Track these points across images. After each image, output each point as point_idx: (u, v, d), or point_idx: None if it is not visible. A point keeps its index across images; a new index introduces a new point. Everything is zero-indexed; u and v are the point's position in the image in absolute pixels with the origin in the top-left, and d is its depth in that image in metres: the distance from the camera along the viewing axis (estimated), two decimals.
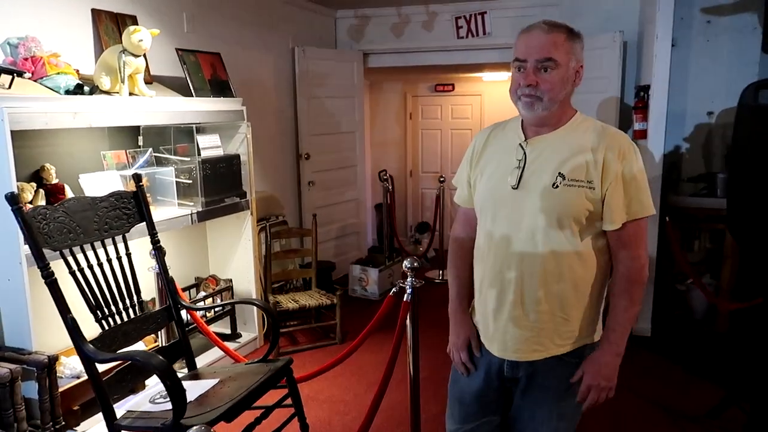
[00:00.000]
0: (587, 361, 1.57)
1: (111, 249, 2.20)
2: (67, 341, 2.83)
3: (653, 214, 1.54)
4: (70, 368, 2.76)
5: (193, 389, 1.99)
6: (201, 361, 3.36)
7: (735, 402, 3.03)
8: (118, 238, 2.24)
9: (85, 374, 2.71)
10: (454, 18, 5.15)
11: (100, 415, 2.76)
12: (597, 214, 1.51)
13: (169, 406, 1.85)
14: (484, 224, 1.63)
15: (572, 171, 1.50)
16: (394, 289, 2.44)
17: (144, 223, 2.37)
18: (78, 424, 2.69)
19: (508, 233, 1.56)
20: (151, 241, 2.41)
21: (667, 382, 3.39)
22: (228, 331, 3.80)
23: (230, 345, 3.41)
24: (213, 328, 3.30)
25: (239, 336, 3.85)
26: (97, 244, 2.14)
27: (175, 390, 1.68)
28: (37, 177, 2.75)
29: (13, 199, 1.83)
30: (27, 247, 2.36)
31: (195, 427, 1.14)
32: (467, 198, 1.73)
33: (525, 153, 1.55)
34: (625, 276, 1.53)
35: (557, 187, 1.50)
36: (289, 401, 2.17)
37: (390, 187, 5.35)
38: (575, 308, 1.56)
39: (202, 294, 3.68)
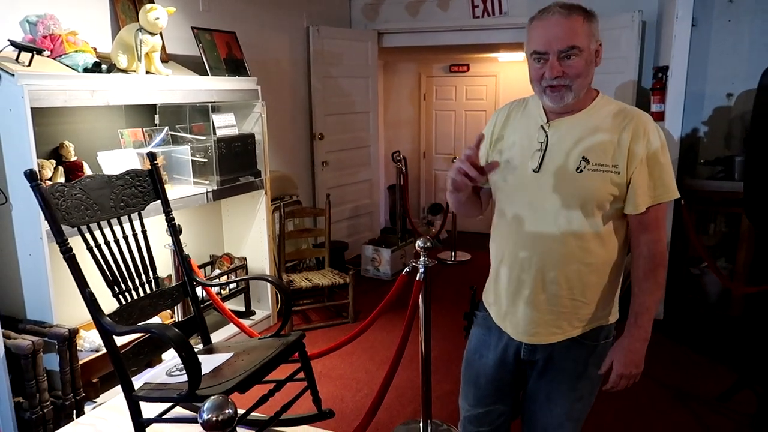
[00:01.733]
0: (615, 349, 1.56)
1: (127, 226, 2.24)
2: (86, 316, 2.88)
3: (678, 197, 1.51)
4: (90, 342, 2.82)
5: (208, 362, 2.03)
6: (216, 337, 3.41)
7: (747, 385, 3.03)
8: (134, 216, 2.28)
9: (104, 348, 2.79)
10: None
11: (118, 388, 2.83)
12: (621, 198, 1.48)
13: (184, 378, 1.89)
14: (504, 207, 1.61)
15: (597, 155, 1.47)
16: (407, 269, 2.47)
17: (159, 201, 2.40)
18: (98, 396, 2.77)
19: (529, 216, 1.54)
20: (166, 219, 2.45)
21: (679, 366, 3.40)
22: (242, 309, 3.86)
23: (244, 322, 3.47)
24: (228, 306, 3.34)
25: (253, 313, 3.91)
26: (114, 221, 2.18)
27: (190, 361, 1.71)
28: (57, 154, 2.80)
29: (32, 176, 1.87)
30: (47, 223, 2.42)
31: (213, 397, 1.17)
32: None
33: (547, 135, 1.52)
34: (649, 259, 1.51)
35: (581, 171, 1.47)
36: (301, 375, 2.20)
37: (403, 168, 5.35)
38: (594, 291, 1.55)
39: (217, 272, 3.73)
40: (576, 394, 1.63)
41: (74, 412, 2.53)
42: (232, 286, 3.73)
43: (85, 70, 2.69)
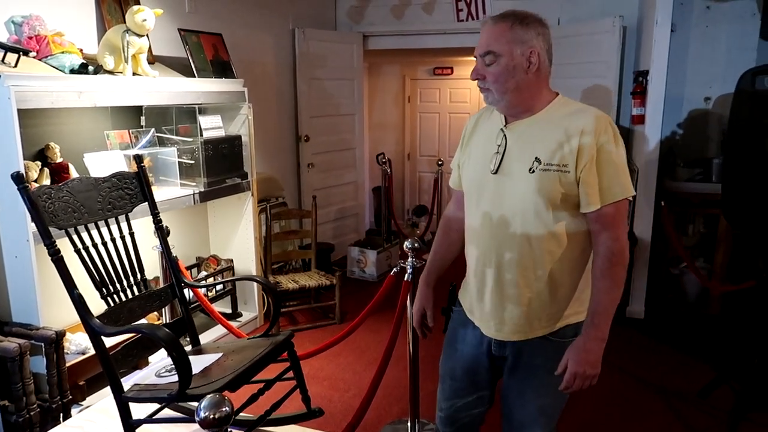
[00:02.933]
0: (571, 348, 1.56)
1: (115, 228, 2.24)
2: (72, 318, 2.88)
3: (633, 195, 1.54)
4: (76, 344, 2.81)
5: (197, 362, 2.04)
6: (203, 339, 3.39)
7: (726, 381, 3.11)
8: (122, 218, 2.28)
9: (91, 350, 2.78)
10: (455, 1, 5.14)
11: (105, 390, 2.83)
12: (573, 197, 1.51)
13: (174, 378, 1.90)
14: (470, 208, 1.68)
15: (548, 155, 1.51)
16: (395, 269, 2.49)
17: (146, 203, 2.40)
18: (84, 399, 2.75)
19: (490, 217, 1.60)
20: (153, 221, 2.45)
21: (660, 363, 3.47)
22: (229, 311, 3.85)
23: (231, 323, 3.46)
24: (214, 308, 3.34)
25: (240, 315, 3.91)
26: (102, 223, 2.18)
27: (180, 360, 1.72)
28: (42, 156, 2.78)
29: (19, 179, 1.86)
30: (34, 225, 2.41)
31: (209, 395, 1.18)
32: (457, 181, 1.78)
33: (505, 138, 1.58)
34: (607, 258, 1.52)
35: (534, 172, 1.51)
36: (290, 374, 2.22)
37: (388, 170, 5.38)
38: (555, 290, 1.59)
39: (204, 274, 3.73)
40: (547, 390, 1.65)
41: (61, 414, 2.51)
42: (218, 287, 3.73)
43: (72, 71, 2.68)
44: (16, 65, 2.45)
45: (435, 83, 7.38)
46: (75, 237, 2.02)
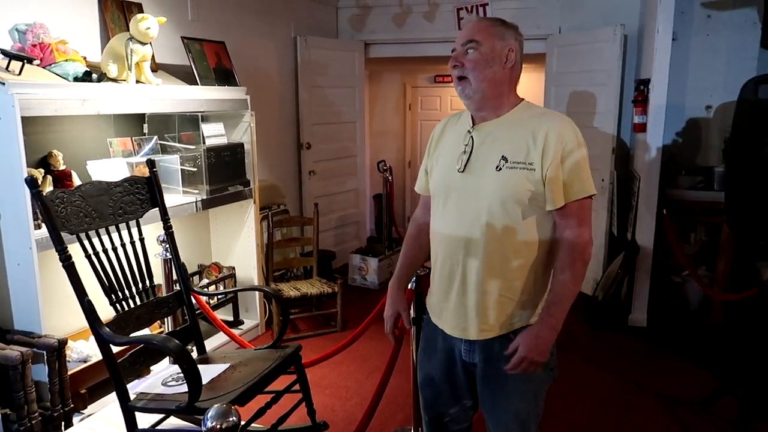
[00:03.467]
0: (524, 333, 1.59)
1: (125, 234, 2.23)
2: (73, 326, 2.88)
3: (594, 194, 1.60)
4: (77, 352, 2.79)
5: (205, 373, 2.03)
6: (206, 346, 3.41)
7: (729, 390, 3.10)
8: (132, 223, 2.27)
9: (93, 358, 2.77)
10: (456, 9, 5.16)
11: (106, 399, 2.82)
12: (540, 195, 1.56)
13: (182, 388, 1.90)
14: (437, 210, 1.71)
15: (514, 153, 1.56)
16: None
17: (156, 208, 2.39)
18: (85, 407, 2.73)
19: (456, 217, 1.63)
20: (164, 227, 2.44)
21: (662, 371, 3.47)
22: (230, 318, 3.84)
23: (233, 331, 3.45)
24: (216, 315, 3.33)
25: (241, 323, 3.89)
26: (112, 228, 2.17)
27: (191, 373, 1.72)
28: (45, 163, 2.78)
29: (32, 183, 1.86)
30: (37, 232, 2.40)
31: (216, 405, 1.18)
32: (424, 186, 1.82)
33: (472, 138, 1.63)
34: (569, 252, 1.57)
35: (500, 169, 1.56)
36: (297, 387, 2.21)
37: (389, 178, 5.38)
38: (519, 289, 1.61)
39: (205, 281, 3.72)
40: (520, 396, 1.67)
41: (62, 423, 2.50)
42: (220, 296, 3.72)
43: (76, 79, 2.68)
44: (20, 73, 2.45)
45: (436, 91, 7.40)
46: (86, 242, 2.01)
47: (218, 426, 1.18)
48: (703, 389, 3.16)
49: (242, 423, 1.90)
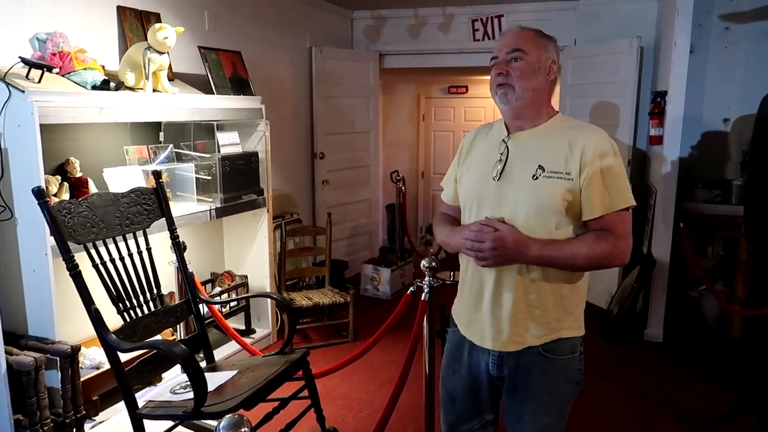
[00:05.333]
0: (513, 231, 1.53)
1: (132, 243, 2.25)
2: (86, 332, 2.89)
3: (634, 205, 1.57)
4: (90, 359, 2.80)
5: (212, 380, 2.03)
6: (217, 355, 3.39)
7: (748, 408, 3.03)
8: (139, 233, 2.29)
9: (105, 365, 2.77)
10: (471, 20, 5.17)
11: (118, 406, 2.82)
12: (576, 205, 1.54)
13: (189, 395, 1.89)
14: (468, 218, 1.68)
15: (551, 163, 1.55)
16: (411, 288, 2.47)
17: (164, 218, 2.40)
18: (97, 414, 2.74)
19: None
20: (171, 237, 2.45)
21: (679, 388, 3.40)
22: (242, 327, 3.84)
23: (245, 340, 3.45)
24: (228, 324, 3.33)
25: (253, 332, 3.89)
26: (119, 238, 2.18)
27: (196, 378, 1.71)
28: (62, 170, 2.80)
29: (39, 194, 1.88)
30: (52, 239, 2.42)
31: (229, 416, 1.17)
32: (452, 196, 1.80)
33: (507, 147, 1.61)
34: (605, 238, 1.51)
35: (537, 179, 1.55)
36: (305, 393, 2.20)
37: (402, 188, 5.37)
38: (551, 300, 1.59)
39: (218, 289, 3.73)
40: (546, 410, 1.64)
41: (74, 430, 2.50)
42: (232, 304, 3.72)
43: (94, 87, 2.71)
44: (39, 81, 2.48)
45: (450, 102, 7.40)
46: (93, 252, 2.03)
47: None
48: (720, 407, 3.09)
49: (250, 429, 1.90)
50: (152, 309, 2.25)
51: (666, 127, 3.91)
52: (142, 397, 2.10)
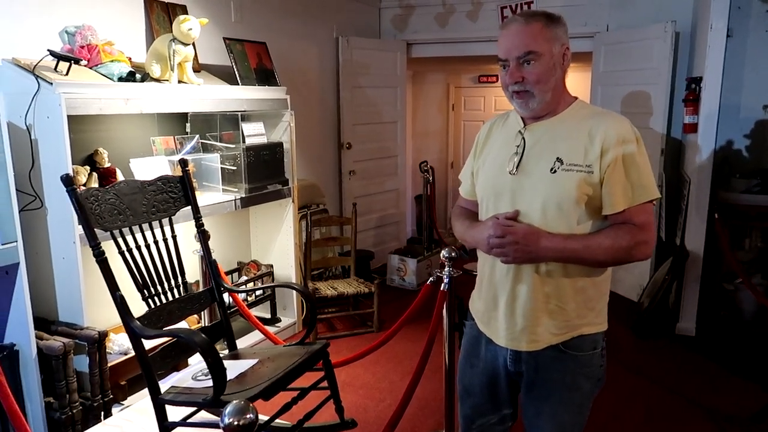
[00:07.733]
0: (531, 226, 1.49)
1: (158, 231, 2.29)
2: (115, 318, 2.94)
3: (658, 197, 1.49)
4: (119, 345, 2.88)
5: (233, 368, 2.05)
6: (241, 343, 3.45)
7: None
8: (165, 221, 2.32)
9: (132, 351, 2.84)
10: (500, 8, 5.08)
11: (145, 391, 2.88)
12: (596, 199, 1.48)
13: (210, 383, 1.92)
14: (486, 213, 1.62)
15: (570, 156, 1.48)
16: (431, 278, 2.45)
17: (189, 207, 2.43)
18: (125, 398, 2.81)
19: None
20: (196, 225, 2.48)
21: (711, 383, 3.30)
22: (268, 316, 3.89)
23: (269, 329, 3.49)
24: (253, 313, 3.37)
25: (279, 321, 3.93)
26: (145, 226, 2.22)
27: (215, 366, 1.73)
28: (91, 161, 2.87)
29: (67, 181, 1.92)
30: (80, 228, 2.48)
31: (235, 401, 1.18)
32: (469, 190, 1.74)
33: (524, 139, 1.55)
34: (630, 231, 1.45)
35: (555, 172, 1.48)
36: (325, 384, 2.21)
37: (431, 179, 5.34)
38: (570, 296, 1.54)
39: (244, 278, 3.77)
40: (566, 407, 1.60)
41: (102, 413, 2.58)
42: (258, 293, 3.76)
43: (120, 79, 2.76)
44: (67, 73, 2.54)
45: (479, 91, 7.32)
46: (120, 239, 2.07)
47: (235, 422, 1.18)
48: (754, 404, 3.00)
49: (268, 418, 1.91)
50: (176, 296, 2.28)
51: (701, 114, 3.78)
52: (167, 381, 2.14)
